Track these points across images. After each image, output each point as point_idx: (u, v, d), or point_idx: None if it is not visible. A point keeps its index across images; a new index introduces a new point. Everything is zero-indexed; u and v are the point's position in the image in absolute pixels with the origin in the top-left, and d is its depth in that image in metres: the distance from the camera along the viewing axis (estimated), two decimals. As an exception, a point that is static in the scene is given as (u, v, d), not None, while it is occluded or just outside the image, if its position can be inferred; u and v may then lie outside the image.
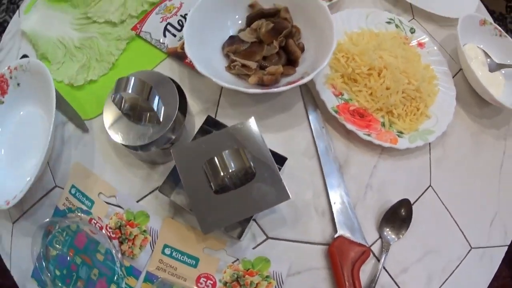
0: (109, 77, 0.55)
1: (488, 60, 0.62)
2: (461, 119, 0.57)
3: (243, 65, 0.49)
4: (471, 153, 0.55)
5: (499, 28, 0.63)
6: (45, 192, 0.51)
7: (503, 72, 0.61)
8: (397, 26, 0.59)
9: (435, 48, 0.58)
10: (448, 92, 0.55)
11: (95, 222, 0.49)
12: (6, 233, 0.51)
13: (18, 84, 0.54)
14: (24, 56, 0.61)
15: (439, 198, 0.51)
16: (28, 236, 0.49)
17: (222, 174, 0.38)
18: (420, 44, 0.58)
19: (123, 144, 0.45)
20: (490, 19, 0.64)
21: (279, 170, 0.43)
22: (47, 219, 0.49)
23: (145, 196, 0.49)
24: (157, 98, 0.44)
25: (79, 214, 0.50)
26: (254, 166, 0.41)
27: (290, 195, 0.40)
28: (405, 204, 0.48)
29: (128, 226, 0.48)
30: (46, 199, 0.51)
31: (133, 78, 0.42)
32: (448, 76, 0.57)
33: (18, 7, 0.92)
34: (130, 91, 0.42)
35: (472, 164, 0.55)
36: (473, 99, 0.59)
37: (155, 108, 0.43)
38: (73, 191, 0.50)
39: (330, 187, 0.48)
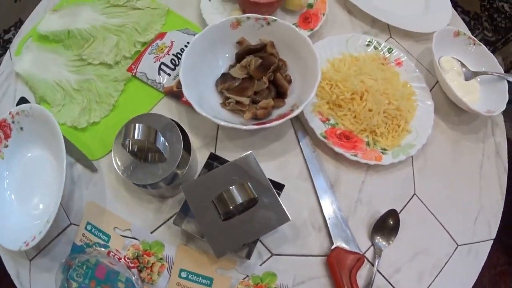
0: (111, 118, 0.64)
1: (464, 69, 0.72)
2: (440, 129, 0.68)
3: (237, 102, 0.59)
4: (452, 159, 0.66)
5: (473, 37, 0.73)
6: (60, 230, 0.59)
7: (478, 79, 0.72)
8: (375, 47, 0.69)
9: (412, 64, 0.68)
10: (426, 106, 0.66)
11: (114, 254, 0.57)
12: (23, 269, 0.58)
13: (22, 128, 0.61)
14: (22, 98, 0.68)
15: (424, 204, 0.62)
16: (46, 272, 0.57)
17: (231, 207, 0.48)
18: (398, 63, 0.69)
19: (135, 184, 0.55)
20: (464, 29, 0.75)
21: (278, 196, 0.54)
22: (67, 256, 0.57)
23: (158, 227, 0.58)
24: (162, 139, 0.54)
25: (97, 248, 0.58)
26: (256, 194, 0.52)
27: (289, 217, 0.49)
28: (392, 214, 0.58)
29: (145, 256, 0.57)
30: (62, 236, 0.59)
31: (140, 125, 0.51)
32: (425, 91, 0.67)
33: (3, 41, 1.00)
34: (139, 137, 0.50)
35: (453, 169, 0.65)
36: (451, 108, 0.70)
37: (161, 149, 0.53)
38: (89, 227, 0.59)
39: (324, 205, 0.58)
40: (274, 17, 0.62)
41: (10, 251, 0.57)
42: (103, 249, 0.58)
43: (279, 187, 0.55)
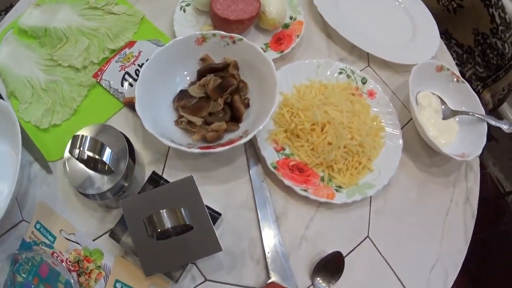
0: (71, 122, 0.64)
1: (443, 107, 0.68)
2: (408, 170, 0.64)
3: (189, 121, 0.57)
4: (416, 202, 0.62)
5: (456, 73, 0.69)
6: (12, 224, 0.60)
7: (457, 119, 0.68)
8: (348, 76, 0.65)
9: (387, 98, 0.64)
10: (394, 144, 0.62)
11: (57, 255, 0.58)
12: None
13: None
14: None
15: (376, 248, 0.58)
16: None
17: (159, 230, 0.47)
18: (371, 94, 0.65)
19: (80, 192, 0.55)
20: (449, 63, 0.71)
21: (214, 224, 0.53)
22: (16, 250, 0.59)
23: (100, 236, 0.58)
24: (108, 152, 0.53)
25: (43, 247, 0.59)
26: (192, 219, 0.50)
27: (222, 247, 0.48)
28: (336, 256, 0.55)
29: (85, 261, 0.58)
30: (14, 230, 0.60)
31: (87, 137, 0.52)
32: (396, 128, 0.63)
33: None
34: (85, 149, 0.51)
35: (416, 213, 0.61)
36: (423, 148, 0.65)
37: (107, 162, 0.52)
38: (37, 226, 0.60)
39: (265, 237, 0.55)
40: (240, 36, 0.59)
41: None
42: (48, 249, 0.59)
43: (216, 216, 0.54)
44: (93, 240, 0.58)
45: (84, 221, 0.59)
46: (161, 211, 0.48)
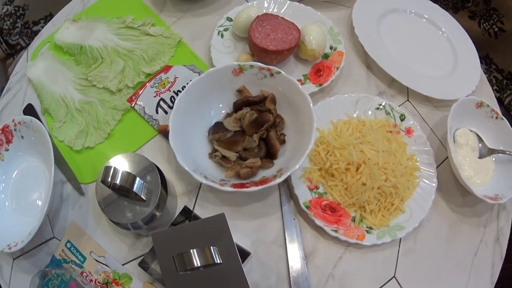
0: (104, 146, 0.65)
1: (480, 145, 0.66)
2: (440, 209, 0.63)
3: (223, 156, 0.58)
4: (445, 243, 0.61)
5: (496, 109, 0.66)
6: (44, 240, 0.63)
7: (493, 158, 0.66)
8: (387, 112, 0.64)
9: (424, 136, 0.63)
10: (428, 185, 0.61)
11: (86, 275, 0.61)
12: (6, 265, 0.62)
13: (22, 137, 0.65)
14: (29, 105, 0.71)
15: None
16: (25, 273, 0.61)
17: (188, 268, 0.48)
18: (409, 132, 0.63)
19: (112, 220, 0.57)
20: (489, 97, 0.68)
21: (242, 262, 0.54)
22: (47, 266, 0.61)
23: (130, 261, 0.60)
24: (140, 183, 0.53)
25: (72, 265, 0.62)
26: (221, 255, 0.51)
27: (248, 285, 0.48)
28: None
29: (113, 284, 0.60)
30: (44, 246, 0.63)
31: (120, 170, 0.52)
32: (432, 168, 0.61)
33: (31, 32, 1.04)
34: (117, 181, 0.52)
35: (444, 254, 0.60)
36: (457, 187, 0.64)
37: (139, 193, 0.53)
38: (68, 245, 0.62)
39: (292, 274, 0.56)
40: (278, 69, 0.58)
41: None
42: (78, 268, 0.62)
43: (245, 254, 0.55)
44: (123, 265, 0.60)
45: (114, 245, 0.61)
46: (191, 250, 0.49)
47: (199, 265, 0.48)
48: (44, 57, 0.73)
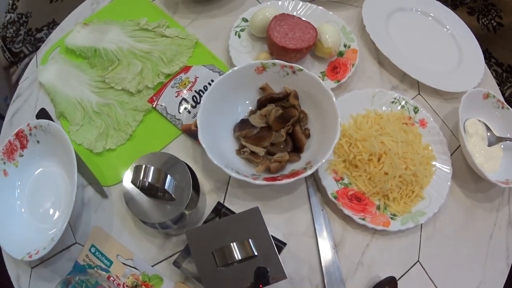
0: (126, 148, 0.67)
1: (488, 133, 0.73)
2: (455, 196, 0.68)
3: (252, 152, 0.61)
4: (462, 227, 0.67)
5: (502, 100, 0.73)
6: (65, 246, 0.64)
7: (501, 146, 0.72)
8: (402, 106, 0.70)
9: (437, 127, 0.69)
10: (444, 172, 0.66)
11: (113, 279, 0.61)
12: (24, 275, 0.62)
13: (38, 142, 0.65)
14: (42, 109, 0.72)
15: (425, 272, 0.63)
16: (45, 282, 0.61)
17: (228, 262, 0.51)
18: (423, 124, 0.69)
19: (141, 220, 0.59)
20: (494, 89, 0.75)
21: (279, 253, 0.57)
22: (70, 272, 0.61)
23: (160, 262, 0.61)
24: (172, 182, 0.56)
25: (98, 270, 0.62)
26: (257, 248, 0.54)
27: (286, 276, 0.52)
28: (391, 281, 0.60)
29: (143, 286, 0.61)
30: (66, 252, 0.63)
31: (151, 167, 0.54)
32: (446, 156, 0.67)
33: (35, 39, 1.05)
34: (149, 179, 0.53)
35: (461, 238, 0.66)
36: (470, 174, 0.70)
37: (170, 191, 0.55)
38: (92, 250, 0.63)
39: (324, 264, 0.60)
40: (300, 66, 0.63)
41: (14, 256, 0.62)
42: (104, 272, 0.62)
43: (280, 245, 0.58)
44: (152, 266, 0.62)
45: (142, 246, 0.63)
46: (232, 244, 0.51)
47: (239, 258, 0.51)
48: (56, 61, 0.75)
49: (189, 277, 0.60)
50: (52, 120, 0.71)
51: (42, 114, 0.72)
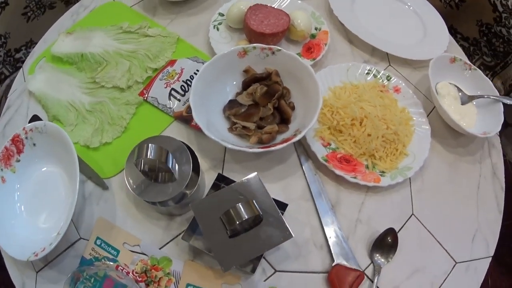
0: (122, 139, 0.74)
1: (460, 94, 0.83)
2: (437, 152, 0.78)
3: (244, 127, 0.70)
4: (449, 180, 0.76)
5: (469, 62, 0.84)
6: (69, 244, 0.67)
7: (474, 103, 0.83)
8: (374, 76, 0.80)
9: (410, 91, 0.79)
10: (423, 130, 0.76)
11: (122, 268, 0.65)
12: (29, 281, 0.65)
13: (34, 144, 0.69)
14: (35, 116, 0.78)
15: (422, 224, 0.71)
16: (52, 284, 0.64)
17: (237, 222, 0.56)
18: (396, 90, 0.80)
19: (146, 201, 0.64)
20: (460, 55, 0.87)
21: (282, 215, 0.64)
22: (76, 268, 0.64)
23: (167, 243, 0.67)
24: (172, 160, 0.63)
25: (105, 262, 0.66)
26: (261, 212, 0.61)
27: (293, 234, 0.58)
28: (390, 232, 0.68)
29: (153, 270, 0.66)
30: (71, 250, 0.67)
31: (153, 145, 0.60)
32: (422, 116, 0.77)
33: (14, 60, 1.12)
34: (151, 156, 0.59)
35: (450, 189, 0.75)
36: (448, 132, 0.80)
37: (172, 169, 0.61)
38: (98, 242, 0.67)
39: (325, 224, 0.68)
40: (278, 47, 0.73)
41: (17, 262, 0.66)
42: (111, 263, 0.66)
43: (282, 206, 0.65)
44: (159, 249, 0.66)
45: (147, 231, 0.68)
46: (237, 204, 0.56)
47: (246, 217, 0.55)
48: (44, 70, 0.82)
49: (198, 254, 0.66)
50: (46, 123, 0.77)
51: (35, 120, 0.77)
